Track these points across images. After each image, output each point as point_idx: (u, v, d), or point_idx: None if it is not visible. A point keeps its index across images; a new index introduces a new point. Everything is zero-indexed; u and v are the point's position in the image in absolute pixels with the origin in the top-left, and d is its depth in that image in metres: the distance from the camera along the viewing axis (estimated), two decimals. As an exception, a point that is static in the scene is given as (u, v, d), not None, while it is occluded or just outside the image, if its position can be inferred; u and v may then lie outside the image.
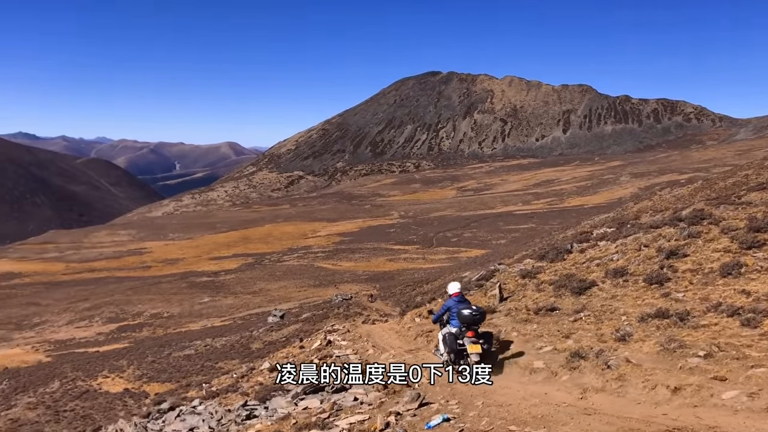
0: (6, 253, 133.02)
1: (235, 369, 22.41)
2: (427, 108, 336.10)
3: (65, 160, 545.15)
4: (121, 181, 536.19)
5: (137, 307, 70.79)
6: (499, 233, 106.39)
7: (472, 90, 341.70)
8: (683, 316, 9.45)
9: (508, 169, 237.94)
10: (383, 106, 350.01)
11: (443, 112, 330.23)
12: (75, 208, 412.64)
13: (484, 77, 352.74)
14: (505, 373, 9.43)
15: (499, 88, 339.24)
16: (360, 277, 76.34)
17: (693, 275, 11.29)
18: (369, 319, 27.35)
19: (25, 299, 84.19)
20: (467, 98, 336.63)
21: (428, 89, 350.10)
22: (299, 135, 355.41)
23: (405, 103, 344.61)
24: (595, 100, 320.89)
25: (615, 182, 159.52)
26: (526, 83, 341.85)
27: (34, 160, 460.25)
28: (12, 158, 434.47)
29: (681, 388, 6.90)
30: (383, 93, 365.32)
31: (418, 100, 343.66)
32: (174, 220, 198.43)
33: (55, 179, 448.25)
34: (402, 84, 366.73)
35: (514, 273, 15.72)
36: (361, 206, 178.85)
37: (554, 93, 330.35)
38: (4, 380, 36.84)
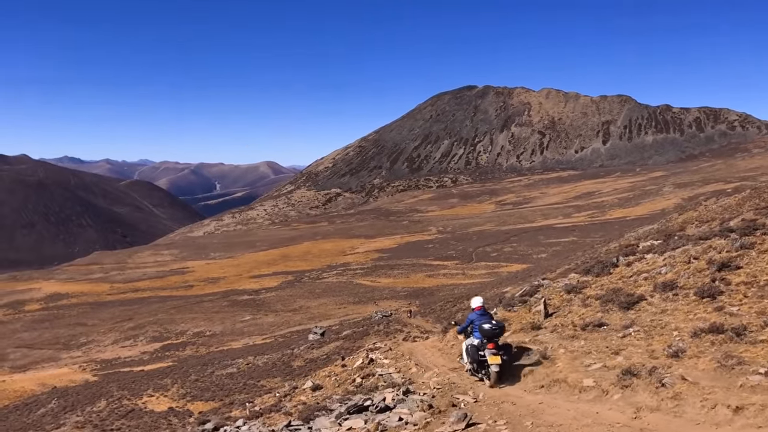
0: (54, 275, 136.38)
1: (278, 387, 22.41)
2: (463, 122, 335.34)
3: (109, 182, 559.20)
4: (164, 202, 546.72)
5: (180, 326, 71.70)
6: (539, 247, 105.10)
7: (508, 103, 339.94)
8: (739, 331, 9.06)
9: (548, 182, 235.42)
10: (419, 121, 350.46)
11: (480, 126, 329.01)
12: (119, 230, 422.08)
13: (521, 90, 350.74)
14: (553, 392, 9.17)
15: (537, 101, 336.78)
16: (399, 293, 76.08)
17: (747, 288, 10.86)
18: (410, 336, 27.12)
19: (73, 319, 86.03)
20: (504, 111, 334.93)
21: (464, 103, 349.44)
22: (336, 153, 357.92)
23: (441, 118, 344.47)
24: (635, 110, 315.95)
25: (657, 193, 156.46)
26: (563, 95, 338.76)
27: (80, 183, 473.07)
28: (58, 182, 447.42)
29: (743, 407, 6.57)
30: (419, 108, 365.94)
31: (455, 114, 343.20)
32: (215, 239, 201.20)
33: (99, 201, 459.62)
34: (438, 99, 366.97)
35: (559, 288, 15.39)
36: (399, 222, 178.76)
37: (593, 104, 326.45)
38: (53, 399, 37.57)
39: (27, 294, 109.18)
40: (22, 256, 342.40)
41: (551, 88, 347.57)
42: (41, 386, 46.52)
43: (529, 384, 9.92)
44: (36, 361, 63.00)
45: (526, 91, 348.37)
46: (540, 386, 9.58)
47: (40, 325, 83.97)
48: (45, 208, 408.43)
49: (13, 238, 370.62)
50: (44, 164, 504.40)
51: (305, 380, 17.10)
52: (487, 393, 9.83)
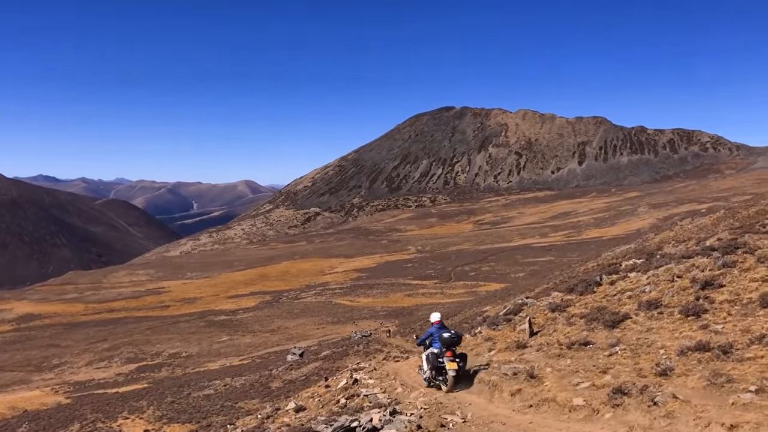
0: (26, 295, 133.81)
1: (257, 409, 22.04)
2: (441, 143, 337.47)
3: (84, 201, 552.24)
4: (140, 221, 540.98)
5: (156, 347, 70.59)
6: (517, 266, 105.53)
7: (486, 124, 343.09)
8: (726, 348, 9.09)
9: (525, 202, 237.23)
10: (398, 141, 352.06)
11: (458, 147, 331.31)
12: (94, 249, 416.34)
13: (498, 111, 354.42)
14: (542, 411, 9.09)
15: (513, 122, 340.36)
16: (378, 313, 75.76)
17: (731, 306, 10.94)
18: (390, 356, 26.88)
19: (45, 341, 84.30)
20: (481, 132, 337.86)
21: (442, 124, 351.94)
22: (315, 172, 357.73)
23: (420, 138, 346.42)
24: (610, 132, 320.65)
25: (633, 213, 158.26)
26: (540, 116, 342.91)
27: (54, 202, 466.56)
28: (33, 201, 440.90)
29: (738, 425, 6.54)
30: (398, 129, 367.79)
31: (433, 135, 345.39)
32: (192, 259, 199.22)
33: (74, 220, 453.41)
34: (416, 119, 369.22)
35: (543, 307, 15.39)
36: (378, 241, 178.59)
37: (568, 125, 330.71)
38: (24, 423, 36.63)
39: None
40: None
41: (528, 110, 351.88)
42: (11, 410, 45.33)
43: (518, 403, 9.83)
44: (6, 384, 61.49)
45: (503, 113, 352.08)
46: (528, 405, 9.50)
47: (11, 347, 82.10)
48: (18, 227, 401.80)
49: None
50: (18, 183, 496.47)
51: (288, 401, 16.82)
52: (475, 413, 9.72)
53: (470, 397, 10.96)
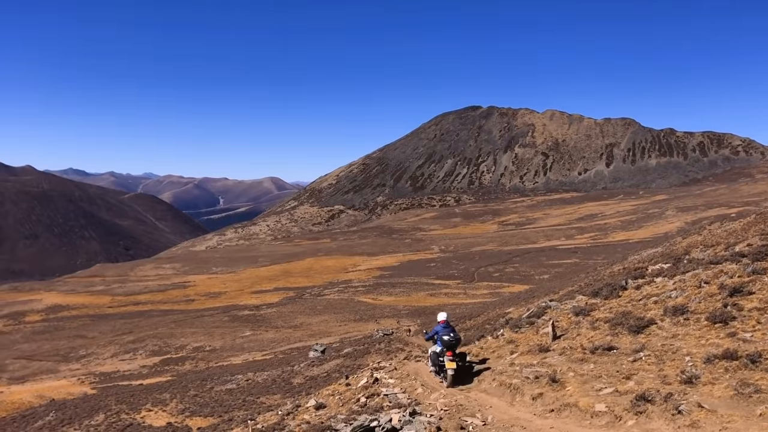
0: (55, 286, 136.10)
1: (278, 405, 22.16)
2: (467, 142, 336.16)
3: (113, 195, 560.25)
4: (167, 216, 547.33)
5: (180, 340, 71.36)
6: (542, 268, 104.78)
7: (512, 124, 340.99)
8: (754, 357, 8.89)
9: (551, 203, 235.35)
10: (423, 140, 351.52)
11: (484, 146, 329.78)
12: (122, 242, 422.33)
13: (525, 111, 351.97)
14: (563, 416, 8.99)
15: (540, 122, 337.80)
16: (400, 312, 75.73)
17: (761, 314, 10.71)
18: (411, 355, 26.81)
19: (73, 331, 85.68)
20: (508, 132, 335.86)
21: (468, 123, 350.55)
22: (340, 170, 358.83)
23: (445, 137, 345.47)
24: (639, 134, 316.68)
25: (660, 216, 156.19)
26: (567, 117, 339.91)
27: (84, 196, 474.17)
28: (63, 193, 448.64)
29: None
30: (423, 128, 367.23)
31: (459, 134, 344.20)
32: (217, 254, 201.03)
33: (103, 214, 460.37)
34: (442, 119, 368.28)
35: (567, 310, 15.23)
36: (402, 240, 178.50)
37: (596, 126, 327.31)
38: (51, 412, 37.27)
39: (28, 305, 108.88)
40: (24, 267, 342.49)
41: (555, 110, 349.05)
42: (39, 398, 46.18)
43: (539, 408, 9.73)
44: (35, 373, 62.66)
45: (530, 113, 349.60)
46: (550, 410, 9.39)
47: (40, 337, 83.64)
48: (48, 219, 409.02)
49: (16, 248, 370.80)
50: (49, 176, 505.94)
51: (308, 398, 16.86)
52: (496, 416, 9.65)
53: (491, 400, 10.88)
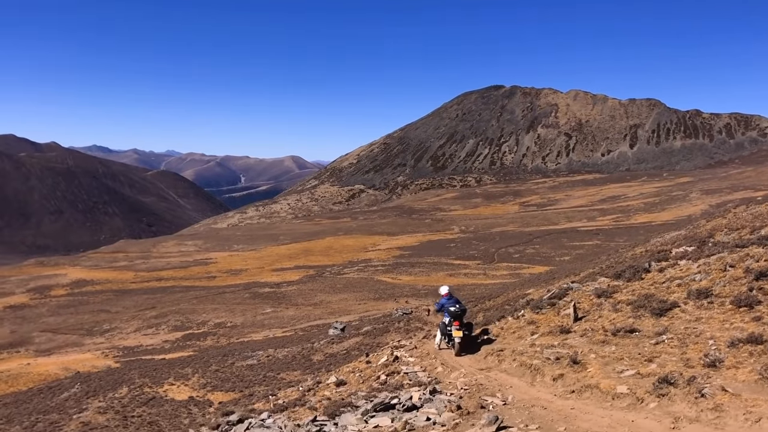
0: (80, 261, 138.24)
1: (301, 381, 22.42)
2: (489, 122, 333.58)
3: (136, 172, 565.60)
4: (189, 193, 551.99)
5: (202, 316, 72.27)
6: (562, 250, 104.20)
7: (535, 104, 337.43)
8: (780, 342, 8.79)
9: (573, 185, 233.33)
10: (445, 120, 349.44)
11: (506, 126, 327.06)
12: (144, 219, 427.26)
13: (548, 91, 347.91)
14: (584, 397, 8.97)
15: (564, 102, 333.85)
16: (420, 291, 75.88)
17: (787, 298, 10.57)
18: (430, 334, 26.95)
19: (97, 306, 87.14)
20: (531, 112, 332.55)
21: (491, 103, 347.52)
22: (361, 149, 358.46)
23: (467, 117, 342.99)
24: (664, 115, 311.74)
25: (684, 199, 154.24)
26: (591, 97, 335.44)
27: (107, 172, 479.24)
28: (87, 170, 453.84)
29: (790, 422, 6.35)
30: (445, 107, 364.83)
31: (481, 114, 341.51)
32: (238, 231, 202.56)
33: (126, 190, 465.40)
34: (464, 98, 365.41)
35: (589, 292, 15.15)
36: (422, 220, 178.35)
37: (621, 107, 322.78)
38: (76, 384, 38.03)
39: (53, 279, 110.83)
40: (49, 242, 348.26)
41: (579, 90, 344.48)
42: (65, 370, 47.17)
43: (559, 388, 9.72)
44: (60, 346, 63.95)
45: (554, 93, 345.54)
46: (571, 391, 9.38)
47: (65, 311, 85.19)
48: (73, 195, 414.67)
49: (42, 224, 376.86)
50: (73, 152, 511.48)
51: (329, 375, 17.03)
52: (516, 396, 9.67)
53: (511, 380, 10.90)
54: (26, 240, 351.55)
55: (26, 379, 45.27)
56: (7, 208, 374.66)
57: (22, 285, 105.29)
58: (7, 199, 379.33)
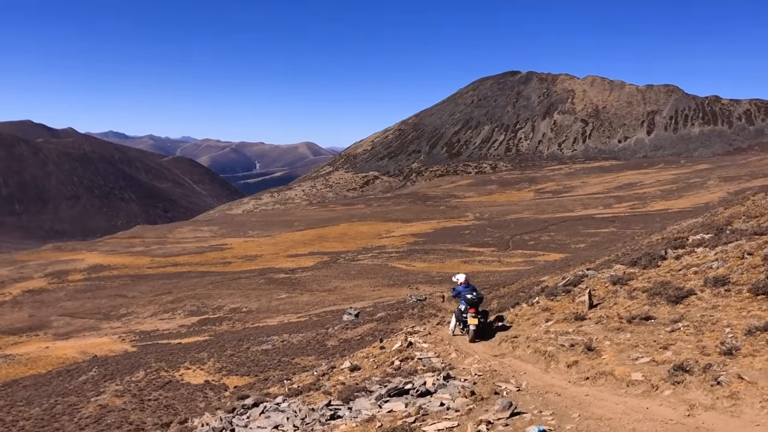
0: (96, 247, 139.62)
1: (315, 366, 22.56)
2: (505, 108, 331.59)
3: (152, 158, 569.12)
4: (204, 179, 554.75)
5: (217, 301, 72.84)
6: (578, 237, 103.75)
7: (552, 90, 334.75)
8: (798, 330, 8.71)
9: (589, 172, 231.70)
10: (460, 106, 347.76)
11: (522, 113, 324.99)
12: (160, 205, 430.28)
13: (565, 77, 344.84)
14: (599, 384, 8.95)
15: (581, 88, 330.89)
16: (434, 278, 75.95)
17: (806, 286, 10.45)
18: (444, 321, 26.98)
19: (113, 291, 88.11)
20: (547, 98, 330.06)
21: (507, 89, 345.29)
22: (375, 135, 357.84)
23: (482, 103, 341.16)
24: (682, 101, 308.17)
25: (702, 186, 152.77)
26: (608, 83, 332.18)
27: (124, 158, 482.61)
28: (103, 156, 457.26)
29: (807, 411, 6.29)
30: (460, 93, 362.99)
31: (496, 100, 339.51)
32: (253, 217, 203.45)
33: (142, 176, 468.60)
34: (480, 84, 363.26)
35: (604, 279, 15.07)
36: (436, 207, 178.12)
37: (638, 93, 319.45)
38: (93, 367, 38.54)
39: (71, 264, 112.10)
40: (66, 228, 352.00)
41: (596, 76, 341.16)
42: (82, 354, 47.82)
43: (574, 375, 9.70)
44: (78, 330, 64.80)
45: (570, 78, 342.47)
46: (585, 378, 9.36)
47: (83, 295, 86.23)
48: (89, 181, 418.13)
49: (59, 209, 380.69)
50: (90, 138, 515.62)
51: (343, 360, 17.12)
52: (530, 382, 9.66)
53: (525, 366, 10.89)
54: (44, 225, 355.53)
55: (45, 362, 45.95)
56: (26, 193, 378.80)
57: (40, 270, 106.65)
58: (25, 184, 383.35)
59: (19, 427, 27.28)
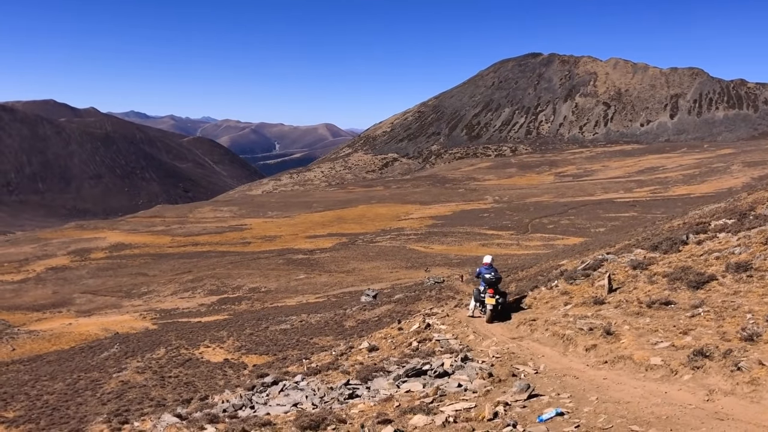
0: (118, 225, 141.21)
1: (333, 346, 22.76)
2: (526, 91, 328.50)
3: (173, 138, 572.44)
4: (224, 160, 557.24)
5: (237, 281, 73.49)
6: (598, 221, 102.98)
7: (574, 72, 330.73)
8: (820, 317, 8.62)
9: (610, 155, 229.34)
10: (481, 88, 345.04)
11: (543, 95, 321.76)
12: (181, 185, 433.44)
13: (587, 59, 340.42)
14: (617, 368, 8.95)
15: (603, 71, 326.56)
16: (452, 261, 75.93)
17: (830, 273, 10.32)
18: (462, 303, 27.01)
19: (135, 269, 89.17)
20: (569, 81, 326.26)
21: (528, 71, 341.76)
22: (395, 117, 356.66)
23: (503, 85, 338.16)
24: (707, 84, 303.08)
25: (725, 171, 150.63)
26: (632, 66, 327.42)
27: (145, 138, 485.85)
28: (125, 135, 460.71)
29: (828, 397, 6.25)
30: (481, 75, 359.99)
31: (517, 82, 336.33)
32: (273, 198, 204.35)
33: (163, 156, 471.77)
34: (501, 66, 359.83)
35: (624, 263, 14.98)
36: (455, 190, 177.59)
37: (662, 76, 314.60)
38: (115, 344, 39.19)
39: (93, 242, 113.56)
40: (89, 206, 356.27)
41: (619, 58, 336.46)
42: (104, 331, 48.58)
43: (592, 359, 9.70)
44: (100, 307, 65.78)
45: (593, 61, 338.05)
46: (603, 362, 9.36)
47: (104, 273, 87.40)
48: (111, 160, 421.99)
49: (81, 188, 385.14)
50: (111, 118, 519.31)
51: (361, 341, 17.25)
52: (548, 365, 9.68)
53: (543, 349, 10.91)
54: (67, 204, 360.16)
55: (68, 339, 46.77)
56: (49, 172, 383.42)
57: (63, 247, 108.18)
58: (48, 163, 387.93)
59: (43, 401, 27.87)
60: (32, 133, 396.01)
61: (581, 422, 6.52)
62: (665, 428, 6.04)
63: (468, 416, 7.38)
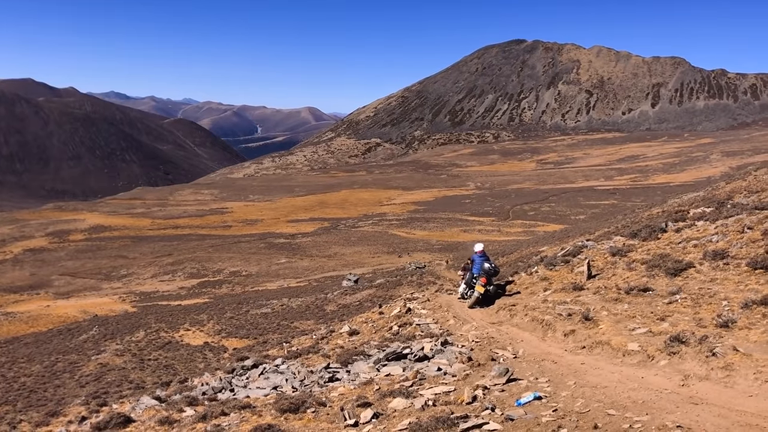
0: (98, 207, 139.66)
1: (314, 330, 22.79)
2: (509, 77, 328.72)
3: (153, 119, 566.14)
4: (206, 142, 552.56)
5: (217, 264, 73.15)
6: (578, 208, 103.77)
7: (557, 60, 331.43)
8: (794, 305, 8.76)
9: (592, 143, 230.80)
10: (464, 74, 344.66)
11: (526, 82, 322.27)
12: (161, 167, 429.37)
13: (571, 47, 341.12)
14: (595, 353, 9.05)
15: (586, 59, 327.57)
16: (433, 246, 76.18)
17: (805, 262, 10.48)
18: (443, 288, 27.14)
19: (114, 252, 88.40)
20: (552, 68, 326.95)
21: (512, 58, 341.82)
22: (378, 102, 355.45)
23: (487, 71, 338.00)
24: (688, 74, 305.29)
25: (704, 160, 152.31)
26: (614, 54, 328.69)
27: (125, 119, 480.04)
28: (104, 116, 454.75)
29: (800, 383, 6.37)
30: (465, 61, 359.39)
31: (501, 69, 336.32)
32: (254, 182, 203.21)
33: (143, 138, 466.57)
34: (485, 52, 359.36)
35: (603, 250, 15.13)
36: (437, 176, 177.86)
37: (644, 65, 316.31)
38: (94, 326, 38.90)
39: (72, 224, 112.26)
40: (68, 187, 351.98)
41: (602, 46, 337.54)
42: (83, 313, 48.22)
43: (570, 344, 9.80)
44: (78, 289, 65.21)
45: (576, 48, 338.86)
46: (581, 347, 9.46)
47: (83, 255, 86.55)
48: (91, 141, 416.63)
49: (60, 169, 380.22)
50: (91, 98, 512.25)
51: (342, 324, 17.29)
52: (527, 350, 9.77)
53: (522, 334, 11.00)
54: (45, 185, 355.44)
55: (46, 321, 46.36)
56: (27, 152, 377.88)
57: (42, 229, 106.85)
58: (26, 143, 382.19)
59: (21, 383, 27.63)
60: (9, 113, 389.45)
61: (559, 406, 6.58)
62: (641, 412, 6.12)
63: (447, 400, 7.43)
